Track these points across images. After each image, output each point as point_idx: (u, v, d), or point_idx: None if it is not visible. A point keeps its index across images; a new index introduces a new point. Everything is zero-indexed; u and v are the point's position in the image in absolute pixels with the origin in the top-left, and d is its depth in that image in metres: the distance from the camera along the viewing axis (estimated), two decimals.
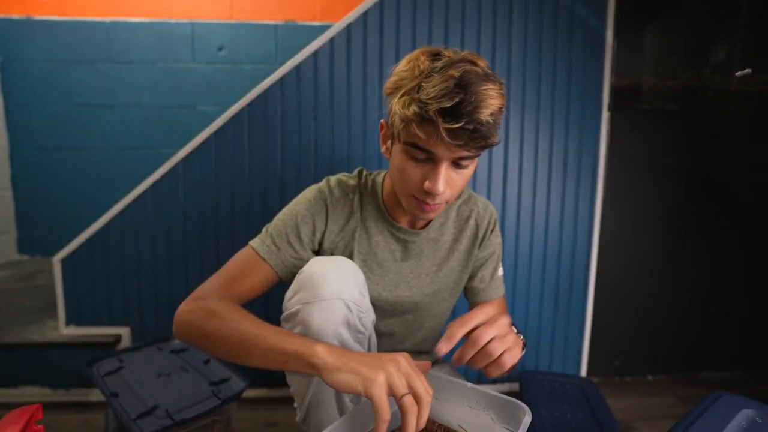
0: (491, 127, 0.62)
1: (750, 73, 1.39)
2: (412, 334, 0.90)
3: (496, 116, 0.62)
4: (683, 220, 1.41)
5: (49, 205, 2.18)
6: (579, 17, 1.22)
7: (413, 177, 0.68)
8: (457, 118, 0.59)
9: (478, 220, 0.88)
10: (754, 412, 0.66)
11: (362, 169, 0.88)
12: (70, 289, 1.24)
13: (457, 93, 0.59)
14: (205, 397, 0.91)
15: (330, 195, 0.81)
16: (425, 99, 0.60)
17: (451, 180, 0.69)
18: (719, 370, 1.50)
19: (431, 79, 0.61)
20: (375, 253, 0.83)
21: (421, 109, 0.61)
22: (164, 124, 2.15)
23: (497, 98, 0.61)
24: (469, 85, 0.59)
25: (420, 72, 0.63)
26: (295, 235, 0.79)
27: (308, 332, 0.64)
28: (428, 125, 0.62)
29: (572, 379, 1.20)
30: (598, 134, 1.27)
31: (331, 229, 0.81)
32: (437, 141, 0.62)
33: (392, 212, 0.83)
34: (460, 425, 0.66)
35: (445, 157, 0.65)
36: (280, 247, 0.78)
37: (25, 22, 2.05)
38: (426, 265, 0.86)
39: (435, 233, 0.86)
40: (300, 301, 0.65)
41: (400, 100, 0.64)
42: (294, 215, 0.80)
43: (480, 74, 0.61)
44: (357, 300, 0.67)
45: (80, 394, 1.24)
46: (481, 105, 0.59)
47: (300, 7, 2.13)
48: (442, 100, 0.59)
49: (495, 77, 0.64)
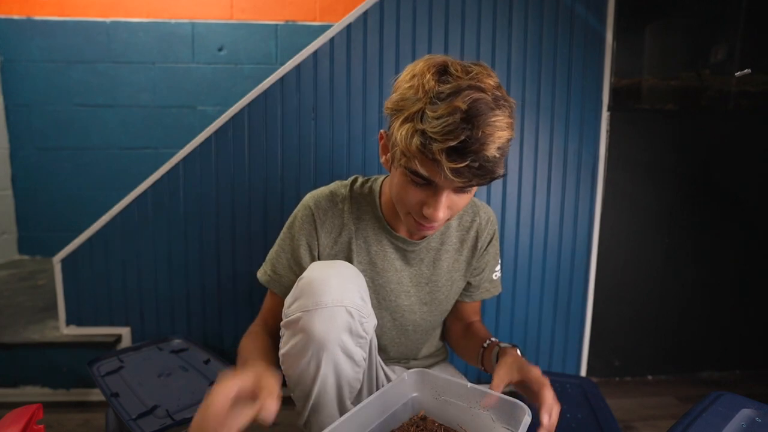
0: (498, 161, 0.59)
1: (750, 73, 1.39)
2: (409, 341, 0.90)
3: (504, 149, 0.59)
4: (683, 220, 1.41)
5: (49, 205, 2.18)
6: (579, 17, 1.22)
7: (412, 200, 0.66)
8: (463, 156, 0.56)
9: (479, 231, 0.87)
10: (754, 411, 0.66)
11: (357, 177, 0.86)
12: (71, 289, 1.24)
13: (463, 129, 0.55)
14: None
15: (317, 210, 0.80)
16: (430, 133, 0.56)
17: (453, 203, 0.66)
18: (719, 370, 1.50)
19: (436, 108, 0.56)
20: (374, 262, 0.82)
21: (424, 146, 0.57)
22: (164, 124, 2.15)
23: (506, 130, 0.58)
24: (477, 117, 0.55)
25: (424, 93, 0.58)
26: (295, 260, 0.81)
27: (310, 340, 0.64)
28: (431, 162, 0.59)
29: (572, 378, 1.20)
30: (598, 134, 1.27)
31: (324, 244, 0.81)
32: (439, 174, 0.59)
33: (391, 221, 0.81)
34: (460, 425, 0.66)
35: (447, 186, 0.63)
36: (281, 273, 0.82)
37: (26, 22, 2.05)
38: (425, 273, 0.85)
39: (435, 242, 0.85)
40: (301, 308, 0.65)
41: (402, 127, 0.60)
42: (290, 240, 0.82)
43: (489, 102, 0.57)
44: (358, 305, 0.67)
45: (80, 393, 1.24)
46: (488, 141, 0.56)
47: (300, 7, 2.13)
48: (448, 137, 0.55)
49: (504, 100, 0.59)
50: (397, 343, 0.88)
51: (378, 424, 0.64)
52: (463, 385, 0.67)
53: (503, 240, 1.27)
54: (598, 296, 1.33)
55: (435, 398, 0.69)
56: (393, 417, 0.55)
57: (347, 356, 0.67)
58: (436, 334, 0.96)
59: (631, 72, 1.35)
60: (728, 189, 1.41)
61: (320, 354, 0.65)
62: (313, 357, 0.65)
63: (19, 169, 2.15)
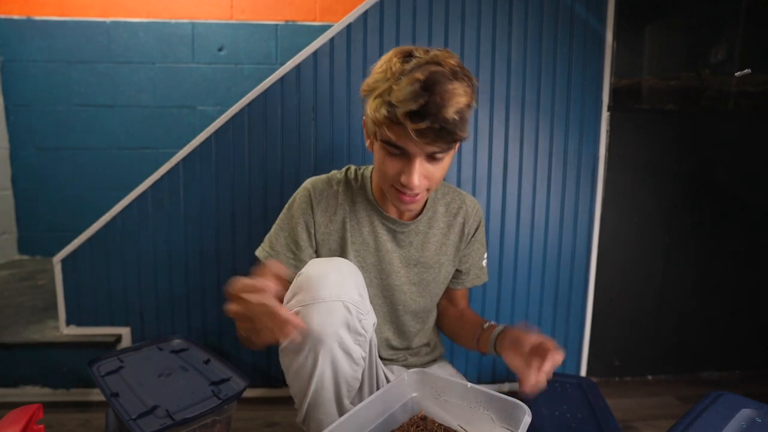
0: (458, 124, 0.65)
1: (749, 73, 1.39)
2: (400, 322, 0.92)
3: (463, 113, 0.65)
4: (683, 220, 1.41)
5: (49, 205, 2.18)
6: (579, 17, 1.22)
7: (391, 170, 0.73)
8: (423, 118, 0.63)
9: (466, 217, 0.91)
10: (753, 411, 0.66)
11: (350, 166, 0.92)
12: (71, 289, 1.24)
13: (422, 95, 0.62)
14: (206, 396, 0.91)
15: (313, 190, 0.86)
16: (393, 102, 0.64)
17: (428, 172, 0.72)
18: (719, 370, 1.50)
19: (400, 82, 0.64)
20: (367, 242, 0.86)
21: (389, 112, 0.65)
22: (164, 124, 2.15)
23: (463, 96, 0.65)
24: (434, 85, 0.63)
25: (392, 74, 0.66)
26: (293, 239, 0.85)
27: (308, 334, 0.64)
28: (397, 127, 0.66)
29: (572, 378, 1.20)
30: (598, 134, 1.27)
31: (320, 222, 0.85)
32: (407, 139, 0.66)
33: (381, 203, 0.86)
34: (460, 425, 0.66)
35: (418, 153, 0.69)
36: (278, 250, 0.85)
37: (26, 22, 2.05)
38: (415, 255, 0.88)
39: (424, 226, 0.88)
40: (299, 303, 0.66)
41: (372, 103, 0.69)
42: (288, 220, 0.86)
43: (446, 74, 0.64)
44: (356, 302, 0.67)
45: (81, 393, 1.24)
46: (446, 104, 0.63)
47: (300, 7, 2.13)
48: (409, 102, 0.63)
49: (463, 75, 0.67)
50: (389, 322, 0.91)
51: (378, 424, 0.64)
52: (463, 385, 0.67)
53: (502, 239, 1.27)
54: (598, 296, 1.33)
55: (435, 398, 0.69)
56: (393, 417, 0.55)
57: (345, 352, 0.67)
58: (429, 324, 0.98)
59: (631, 72, 1.35)
60: (728, 189, 1.41)
61: (317, 348, 0.65)
62: (311, 352, 0.66)
63: (19, 169, 2.15)
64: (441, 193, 0.92)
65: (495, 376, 1.33)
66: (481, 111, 1.23)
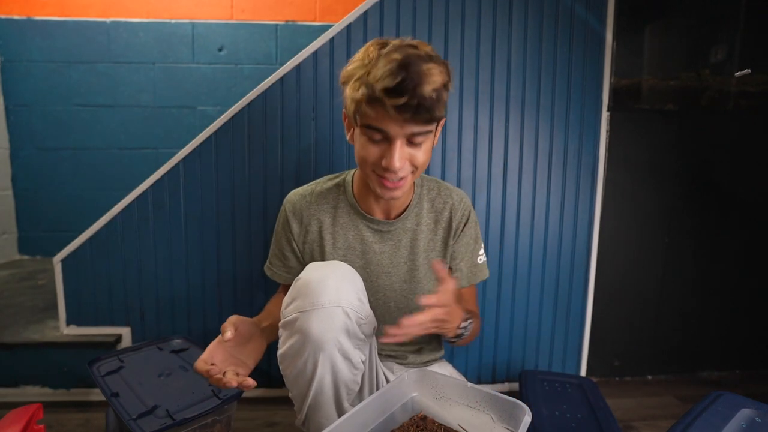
0: (435, 102, 0.67)
1: (750, 73, 1.39)
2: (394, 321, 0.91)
3: (440, 92, 0.67)
4: (683, 220, 1.41)
5: (49, 205, 2.18)
6: (579, 17, 1.22)
7: (372, 155, 0.73)
8: (401, 94, 0.64)
9: (452, 211, 0.90)
10: (753, 411, 0.66)
11: (350, 171, 0.93)
12: (71, 288, 1.24)
13: (399, 72, 0.64)
14: (206, 396, 0.92)
15: (288, 204, 0.90)
16: (371, 81, 0.66)
17: (409, 156, 0.73)
18: (718, 370, 1.50)
19: (378, 63, 0.67)
20: (353, 246, 0.87)
21: (368, 89, 0.67)
22: (164, 124, 2.15)
23: (439, 75, 0.66)
24: (410, 64, 0.64)
25: (369, 60, 0.69)
26: (282, 254, 0.92)
27: (307, 340, 0.64)
28: (376, 104, 0.67)
29: (572, 378, 1.20)
30: (598, 134, 1.27)
31: (297, 233, 0.89)
32: (387, 118, 0.68)
33: (364, 205, 0.87)
34: (460, 425, 0.66)
35: (398, 134, 0.70)
36: (274, 263, 0.94)
37: (26, 22, 2.06)
38: (404, 254, 0.88)
39: (411, 223, 0.88)
40: (298, 309, 0.66)
41: (351, 86, 0.71)
42: (275, 236, 0.93)
43: (422, 55, 0.66)
44: (356, 307, 0.67)
45: (81, 393, 1.24)
46: (423, 81, 0.64)
47: (300, 7, 2.14)
48: (386, 79, 0.64)
49: (438, 59, 0.69)
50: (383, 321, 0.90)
51: (378, 424, 0.64)
52: (463, 385, 0.67)
53: (502, 239, 1.27)
54: (598, 296, 1.33)
55: (435, 398, 0.69)
56: (393, 417, 0.55)
57: (344, 357, 0.67)
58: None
59: (631, 72, 1.35)
60: (728, 189, 1.41)
61: (317, 354, 0.65)
62: (310, 357, 0.65)
63: (19, 169, 2.16)
64: (426, 188, 0.91)
65: (495, 376, 1.33)
66: (481, 111, 1.23)
